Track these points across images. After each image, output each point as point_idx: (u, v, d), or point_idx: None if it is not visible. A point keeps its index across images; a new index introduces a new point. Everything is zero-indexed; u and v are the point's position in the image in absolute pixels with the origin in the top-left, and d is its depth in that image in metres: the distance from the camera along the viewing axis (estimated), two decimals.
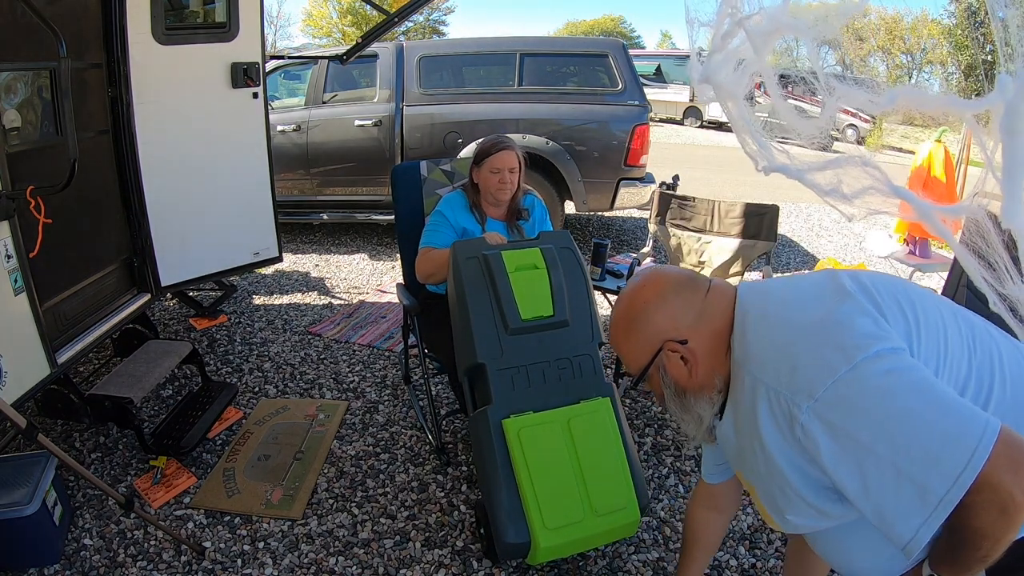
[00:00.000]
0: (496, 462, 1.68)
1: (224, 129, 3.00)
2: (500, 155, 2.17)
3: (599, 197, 4.42)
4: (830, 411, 0.81)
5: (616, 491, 1.70)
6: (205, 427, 2.28)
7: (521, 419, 1.72)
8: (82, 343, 2.33)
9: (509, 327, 1.80)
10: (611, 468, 1.72)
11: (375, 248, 4.88)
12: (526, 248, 1.93)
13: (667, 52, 19.24)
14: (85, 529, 1.92)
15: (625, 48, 4.53)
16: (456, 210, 2.24)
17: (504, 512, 1.64)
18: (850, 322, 0.85)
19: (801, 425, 0.83)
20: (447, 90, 4.58)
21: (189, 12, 2.95)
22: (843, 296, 0.90)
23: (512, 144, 2.20)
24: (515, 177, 2.20)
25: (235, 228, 3.14)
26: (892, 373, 0.80)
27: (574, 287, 1.92)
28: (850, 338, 0.83)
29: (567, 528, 1.62)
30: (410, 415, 2.57)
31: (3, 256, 1.87)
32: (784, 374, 0.86)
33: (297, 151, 4.61)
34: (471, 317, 1.80)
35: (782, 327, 0.91)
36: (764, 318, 0.93)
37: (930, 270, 3.80)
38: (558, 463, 1.69)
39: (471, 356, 1.80)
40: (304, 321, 3.46)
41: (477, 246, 1.92)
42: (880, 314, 0.87)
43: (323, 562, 1.83)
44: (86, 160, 2.15)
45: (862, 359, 0.81)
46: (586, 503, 1.66)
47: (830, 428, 0.81)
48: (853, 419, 0.80)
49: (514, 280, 1.83)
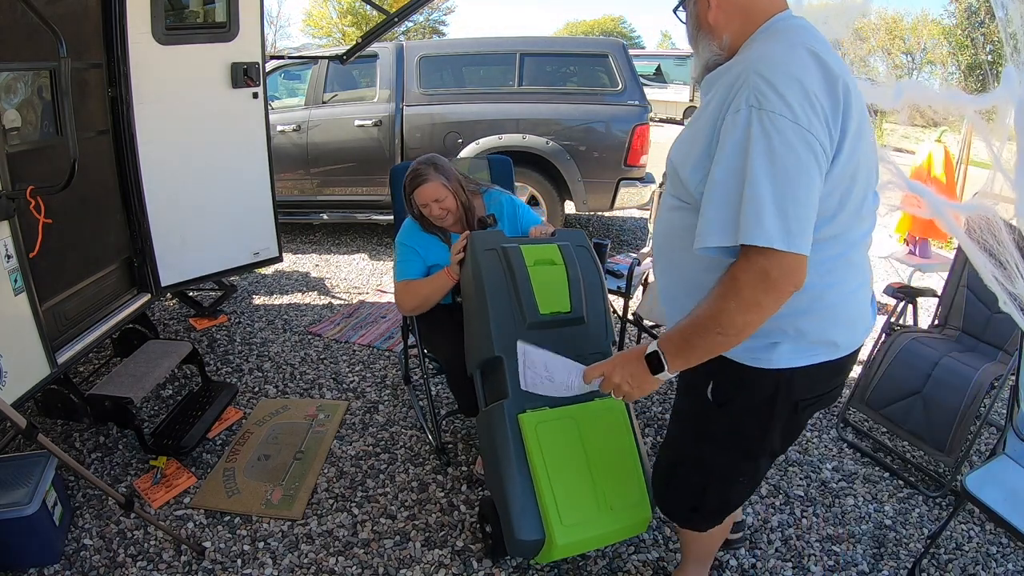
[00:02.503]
0: (511, 457, 1.66)
1: (224, 129, 3.00)
2: (420, 191, 2.05)
3: (599, 197, 4.42)
4: (751, 124, 0.98)
5: (629, 488, 1.70)
6: (205, 427, 2.28)
7: (538, 414, 1.70)
8: (82, 343, 2.33)
9: (527, 321, 1.77)
10: (624, 465, 1.72)
11: (375, 248, 4.89)
12: (544, 244, 1.91)
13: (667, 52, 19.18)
14: (85, 529, 1.93)
15: (625, 48, 4.53)
16: (417, 237, 2.15)
17: (518, 508, 1.62)
18: (814, 96, 0.99)
19: (733, 111, 1.01)
20: (447, 90, 4.58)
21: (189, 12, 2.95)
22: (832, 81, 1.02)
23: (429, 175, 2.04)
24: (447, 203, 2.07)
25: (235, 228, 3.14)
26: (798, 144, 0.97)
27: (590, 285, 1.89)
28: (797, 103, 0.97)
29: (583, 525, 1.62)
30: (410, 415, 2.57)
31: (3, 256, 1.87)
32: (759, 78, 1.00)
33: (297, 151, 4.61)
34: (489, 309, 1.76)
35: (776, 54, 1.04)
36: (775, 37, 1.09)
37: (930, 270, 3.80)
38: (574, 459, 1.67)
39: (487, 349, 1.76)
40: (304, 321, 3.46)
41: (496, 239, 1.89)
42: (831, 115, 1.01)
43: (323, 562, 1.83)
44: (86, 160, 2.15)
45: (793, 117, 0.97)
46: (602, 499, 1.65)
47: (740, 129, 0.99)
48: (754, 139, 0.97)
49: (533, 274, 1.81)
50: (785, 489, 2.16)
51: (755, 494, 2.12)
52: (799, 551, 1.90)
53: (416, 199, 2.08)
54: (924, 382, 2.23)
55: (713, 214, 1.01)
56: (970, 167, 4.98)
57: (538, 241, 1.94)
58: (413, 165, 2.11)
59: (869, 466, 2.30)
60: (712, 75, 1.15)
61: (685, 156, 1.12)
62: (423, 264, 2.13)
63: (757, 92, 0.98)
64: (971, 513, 2.05)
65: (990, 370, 2.15)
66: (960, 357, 2.27)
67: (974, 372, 2.14)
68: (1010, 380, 1.93)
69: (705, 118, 1.08)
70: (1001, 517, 1.55)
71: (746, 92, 0.99)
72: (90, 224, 2.50)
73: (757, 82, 0.99)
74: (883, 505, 2.10)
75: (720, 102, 1.05)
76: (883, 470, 2.27)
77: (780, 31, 1.10)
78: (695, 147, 1.09)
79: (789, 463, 2.30)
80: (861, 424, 2.51)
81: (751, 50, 1.09)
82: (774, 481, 2.20)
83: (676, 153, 1.17)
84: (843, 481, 2.21)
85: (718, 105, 1.05)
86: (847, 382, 2.69)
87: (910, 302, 2.56)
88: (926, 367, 2.25)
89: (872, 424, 2.49)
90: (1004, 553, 1.91)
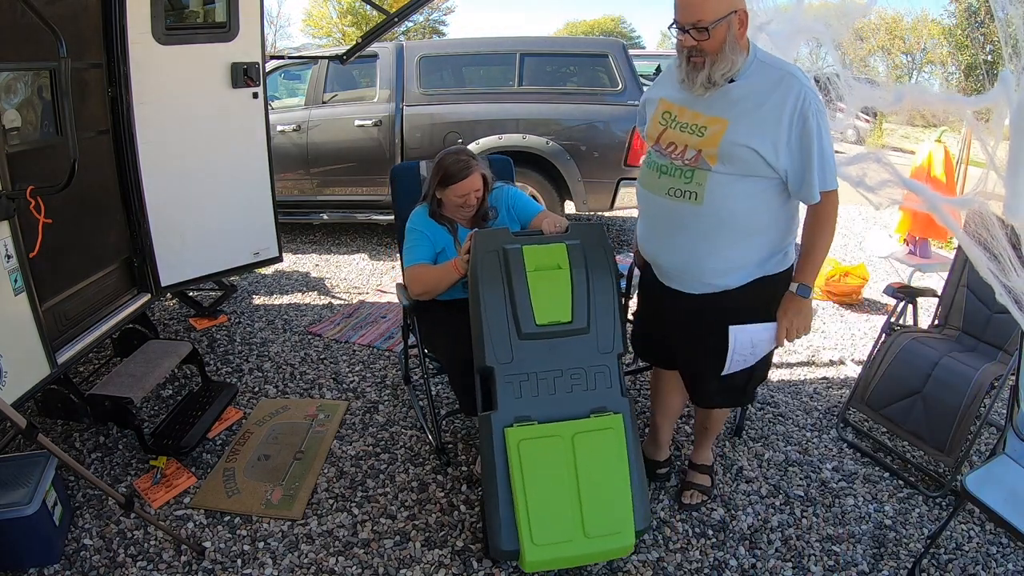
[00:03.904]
0: (495, 469, 1.65)
1: (224, 129, 2.99)
2: (466, 182, 2.05)
3: (599, 197, 4.42)
4: (820, 122, 1.55)
5: (613, 514, 1.64)
6: (205, 427, 2.28)
7: (524, 429, 1.66)
8: (82, 343, 2.33)
9: (522, 331, 1.72)
10: (611, 490, 1.66)
11: (375, 248, 4.89)
12: (551, 244, 1.81)
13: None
14: (85, 529, 1.93)
15: (625, 48, 4.52)
16: (427, 222, 2.17)
17: (499, 519, 1.62)
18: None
19: (810, 113, 1.52)
20: (447, 90, 4.58)
21: (189, 12, 2.95)
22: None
23: (475, 166, 2.07)
24: (480, 194, 2.11)
25: (235, 228, 3.14)
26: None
27: (600, 290, 1.79)
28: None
29: (555, 546, 1.59)
30: (410, 415, 2.57)
31: (3, 256, 1.87)
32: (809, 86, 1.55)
33: (297, 151, 4.61)
34: (483, 317, 1.73)
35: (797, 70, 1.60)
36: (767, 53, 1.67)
37: (930, 270, 3.80)
38: (556, 479, 1.63)
39: (481, 358, 1.74)
40: (304, 321, 3.46)
41: (499, 239, 1.81)
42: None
43: (323, 562, 1.83)
44: (86, 160, 2.15)
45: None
46: (578, 523, 1.61)
47: (816, 124, 1.53)
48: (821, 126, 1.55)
49: (532, 280, 1.74)
50: (785, 489, 2.16)
51: (755, 494, 2.13)
52: (799, 551, 1.90)
53: (458, 188, 2.06)
54: (924, 382, 2.23)
55: (827, 173, 1.56)
56: (970, 167, 4.98)
57: (546, 240, 1.84)
58: (450, 157, 2.09)
59: (869, 466, 2.30)
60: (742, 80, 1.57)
61: (761, 140, 1.53)
62: (432, 248, 2.14)
63: (817, 102, 1.53)
64: (971, 513, 2.05)
65: (990, 370, 2.14)
66: (960, 357, 2.26)
67: (974, 372, 2.14)
68: (1010, 380, 1.93)
69: (768, 110, 1.52)
70: (1001, 517, 1.55)
71: (815, 106, 1.52)
72: (90, 224, 2.50)
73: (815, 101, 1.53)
74: (883, 505, 2.10)
75: (780, 101, 1.51)
76: (883, 470, 2.27)
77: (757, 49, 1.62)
78: (768, 133, 1.53)
79: (789, 463, 2.30)
80: (861, 424, 2.51)
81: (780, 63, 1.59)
82: (774, 481, 2.20)
83: (744, 134, 1.53)
84: (843, 481, 2.21)
85: (779, 103, 1.51)
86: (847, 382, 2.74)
87: (910, 302, 2.56)
88: (926, 367, 2.25)
89: (872, 424, 2.49)
90: (1004, 553, 1.91)
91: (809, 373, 2.99)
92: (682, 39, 1.55)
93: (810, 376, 2.96)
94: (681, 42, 1.56)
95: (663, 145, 1.68)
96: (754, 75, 1.56)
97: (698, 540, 1.93)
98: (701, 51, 1.53)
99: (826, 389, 2.82)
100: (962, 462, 2.11)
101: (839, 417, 2.53)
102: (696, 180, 1.61)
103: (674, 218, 1.68)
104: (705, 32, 1.49)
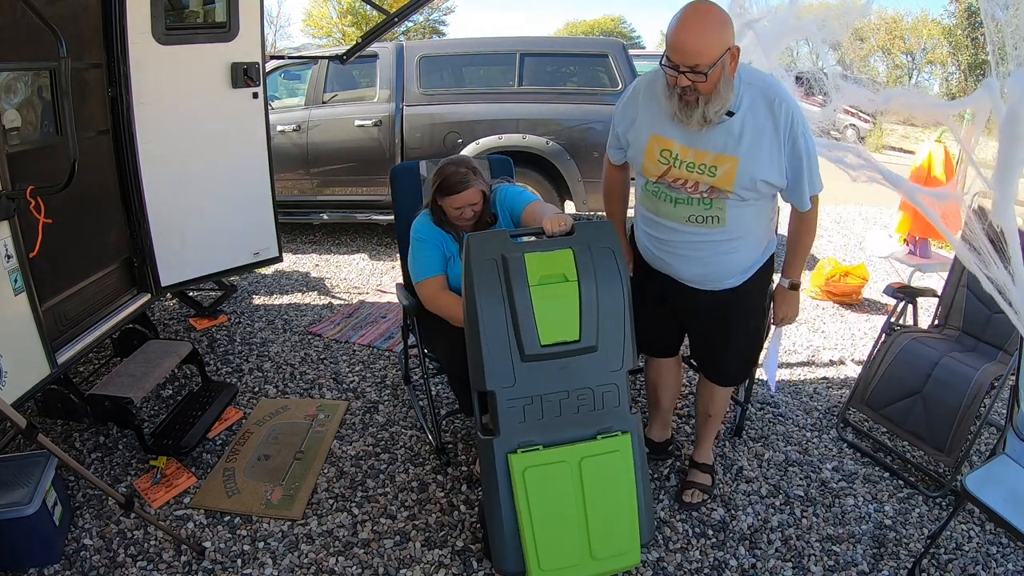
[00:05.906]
0: (499, 495, 1.57)
1: (224, 129, 2.99)
2: (462, 196, 2.02)
3: (599, 197, 4.39)
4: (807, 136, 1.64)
5: (620, 535, 1.60)
6: (205, 427, 2.28)
7: (528, 456, 1.56)
8: (82, 343, 2.33)
9: (525, 353, 1.57)
10: (618, 513, 1.60)
11: (375, 248, 4.89)
12: (557, 250, 1.63)
13: None
14: (85, 529, 1.93)
15: (625, 48, 4.52)
16: (433, 230, 2.14)
17: (502, 541, 1.59)
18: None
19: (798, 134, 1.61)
20: (447, 90, 4.58)
21: (189, 12, 2.95)
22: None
23: (474, 182, 2.03)
24: (477, 208, 2.08)
25: (235, 228, 3.14)
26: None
27: (609, 301, 1.63)
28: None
29: (563, 570, 1.56)
30: (410, 415, 2.57)
31: (3, 256, 1.87)
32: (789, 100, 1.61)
33: (297, 151, 4.61)
34: (482, 338, 1.56)
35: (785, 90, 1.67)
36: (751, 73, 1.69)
37: (930, 270, 3.80)
38: (562, 505, 1.56)
39: (480, 382, 1.60)
40: (304, 321, 3.46)
41: (497, 243, 1.63)
42: None
43: (323, 562, 1.83)
44: (86, 160, 2.15)
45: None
46: (585, 547, 1.57)
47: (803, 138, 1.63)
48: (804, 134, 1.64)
49: (536, 296, 1.57)
50: (785, 489, 2.16)
51: (755, 494, 2.13)
52: (799, 551, 1.90)
53: (453, 202, 2.04)
54: (924, 382, 2.23)
55: (815, 179, 1.68)
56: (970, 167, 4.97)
57: (550, 246, 1.66)
58: (450, 167, 2.06)
59: (869, 466, 2.30)
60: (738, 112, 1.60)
61: (770, 170, 1.63)
62: (442, 256, 2.11)
63: (802, 119, 1.61)
64: (971, 513, 2.05)
65: (990, 370, 2.15)
66: (960, 357, 2.27)
67: (974, 372, 2.14)
68: (1010, 380, 1.93)
69: (768, 139, 1.59)
70: (1001, 517, 1.55)
71: (800, 120, 1.60)
72: (90, 224, 2.50)
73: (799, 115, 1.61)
74: (883, 505, 2.10)
75: (775, 127, 1.59)
76: (883, 470, 2.27)
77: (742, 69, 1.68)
78: (774, 161, 1.62)
79: (789, 463, 2.30)
80: (861, 424, 2.51)
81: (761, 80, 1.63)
82: (774, 481, 2.20)
83: (757, 170, 1.61)
84: (843, 481, 2.21)
85: (774, 129, 1.59)
86: (847, 382, 2.76)
87: (910, 302, 2.56)
88: (926, 367, 2.25)
89: (872, 424, 2.49)
90: (1004, 553, 1.91)
91: (809, 373, 2.99)
92: (675, 78, 1.52)
93: (810, 376, 2.96)
94: (674, 80, 1.53)
95: (669, 180, 1.71)
96: (746, 102, 1.59)
97: (698, 540, 1.93)
98: (695, 90, 1.53)
99: (826, 389, 2.82)
100: (962, 462, 2.11)
101: (839, 417, 2.53)
102: (716, 206, 1.70)
103: (696, 239, 1.76)
104: (702, 76, 1.48)
